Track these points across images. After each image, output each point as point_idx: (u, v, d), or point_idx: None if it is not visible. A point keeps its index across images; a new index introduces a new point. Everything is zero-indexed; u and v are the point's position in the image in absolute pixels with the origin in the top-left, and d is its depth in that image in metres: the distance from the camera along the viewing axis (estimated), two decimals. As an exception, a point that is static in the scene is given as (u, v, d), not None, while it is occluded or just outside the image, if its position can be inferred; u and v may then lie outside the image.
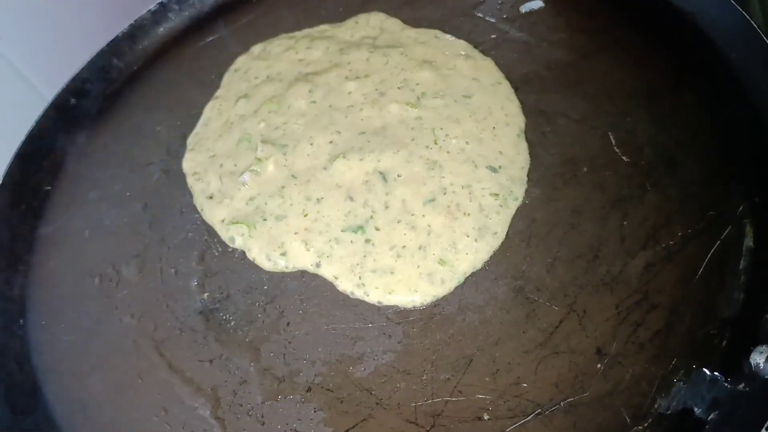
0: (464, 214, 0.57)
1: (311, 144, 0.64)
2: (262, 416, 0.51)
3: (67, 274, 0.64)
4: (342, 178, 0.61)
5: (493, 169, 0.60)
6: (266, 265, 0.59)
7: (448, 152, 0.61)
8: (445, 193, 0.58)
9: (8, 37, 0.87)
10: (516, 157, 0.60)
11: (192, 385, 0.54)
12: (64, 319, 0.61)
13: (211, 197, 0.64)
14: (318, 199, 0.61)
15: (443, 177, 0.59)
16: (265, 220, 0.60)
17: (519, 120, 0.63)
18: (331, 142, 0.64)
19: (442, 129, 0.63)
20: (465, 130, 0.63)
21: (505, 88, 0.66)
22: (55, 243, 0.67)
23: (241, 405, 0.52)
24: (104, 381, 0.56)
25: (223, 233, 0.62)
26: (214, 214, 0.63)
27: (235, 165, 0.66)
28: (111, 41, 0.80)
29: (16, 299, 0.63)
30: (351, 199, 0.60)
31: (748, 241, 0.51)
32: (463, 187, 0.59)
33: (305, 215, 0.60)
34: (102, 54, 0.80)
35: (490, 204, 0.57)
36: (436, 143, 0.62)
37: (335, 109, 0.67)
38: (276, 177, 0.63)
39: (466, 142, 0.62)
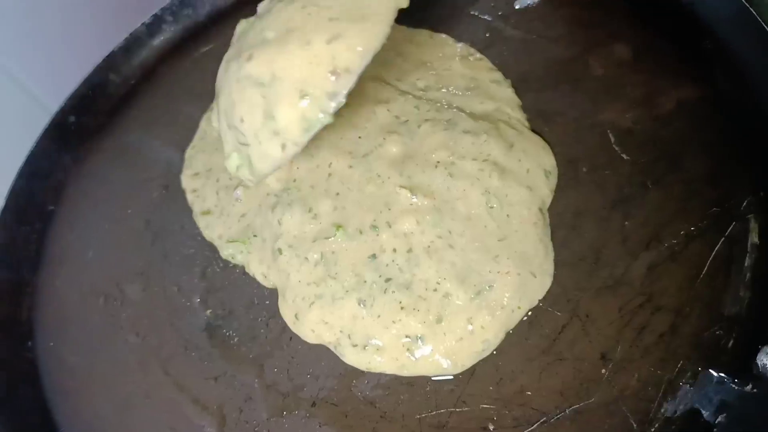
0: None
1: (312, 156, 0.64)
2: (268, 433, 0.51)
3: (72, 294, 0.64)
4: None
5: None
6: (264, 281, 0.58)
7: None
8: None
9: (11, 51, 0.88)
10: None
11: (198, 404, 0.54)
12: (70, 339, 0.62)
13: (208, 213, 0.64)
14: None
15: None
16: (255, 236, 0.60)
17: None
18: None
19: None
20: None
21: (504, 87, 0.65)
22: (61, 263, 0.67)
23: (247, 422, 0.52)
24: (111, 401, 0.57)
25: (223, 250, 0.61)
26: (212, 230, 0.63)
27: (230, 179, 0.64)
28: (106, 56, 0.80)
29: (24, 322, 0.64)
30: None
31: (753, 237, 0.50)
32: None
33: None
34: (99, 70, 0.79)
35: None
36: None
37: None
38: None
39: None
